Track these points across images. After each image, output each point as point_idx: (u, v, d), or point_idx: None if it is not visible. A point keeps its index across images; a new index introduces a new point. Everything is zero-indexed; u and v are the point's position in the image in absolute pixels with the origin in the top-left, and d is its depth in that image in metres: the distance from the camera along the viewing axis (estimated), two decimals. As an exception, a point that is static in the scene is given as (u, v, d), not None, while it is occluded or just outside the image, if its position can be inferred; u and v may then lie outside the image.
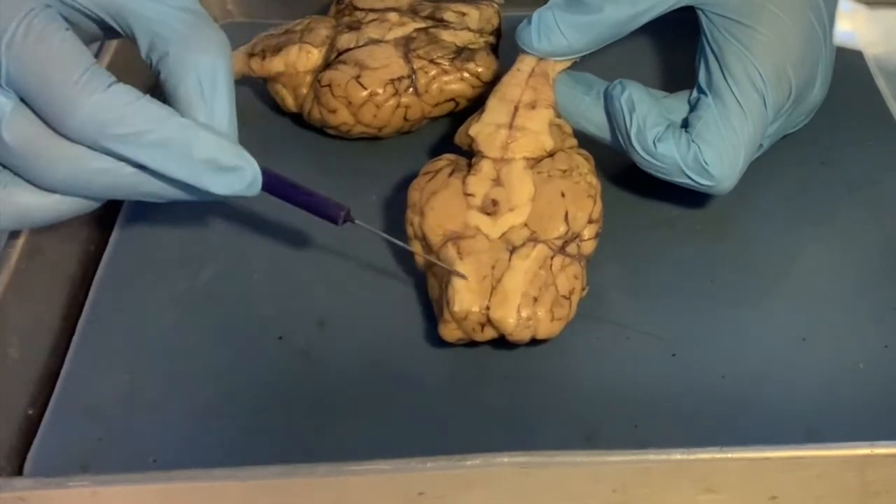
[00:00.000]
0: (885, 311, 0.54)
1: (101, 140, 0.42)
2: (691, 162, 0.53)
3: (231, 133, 0.44)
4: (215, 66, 0.44)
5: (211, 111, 0.44)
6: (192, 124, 0.43)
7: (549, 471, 0.45)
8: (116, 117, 0.42)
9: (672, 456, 0.45)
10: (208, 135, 0.43)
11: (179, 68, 0.44)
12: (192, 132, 0.42)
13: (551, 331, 0.50)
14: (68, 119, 0.42)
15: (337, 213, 0.47)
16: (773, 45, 0.54)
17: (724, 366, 0.51)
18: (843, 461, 0.45)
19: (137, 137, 0.42)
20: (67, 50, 0.42)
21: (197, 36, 0.44)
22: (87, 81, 0.41)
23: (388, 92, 0.61)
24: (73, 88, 0.41)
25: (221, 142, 0.43)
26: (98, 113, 0.42)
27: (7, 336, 0.52)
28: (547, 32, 0.55)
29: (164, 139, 0.42)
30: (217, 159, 0.43)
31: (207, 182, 0.43)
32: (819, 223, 0.59)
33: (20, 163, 0.43)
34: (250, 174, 0.44)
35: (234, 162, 0.43)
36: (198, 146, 0.42)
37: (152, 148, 0.42)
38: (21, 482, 0.46)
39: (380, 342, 0.53)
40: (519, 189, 0.52)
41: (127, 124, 0.42)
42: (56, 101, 0.42)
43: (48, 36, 0.42)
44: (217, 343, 0.53)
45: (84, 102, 0.41)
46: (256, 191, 0.44)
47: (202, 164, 0.43)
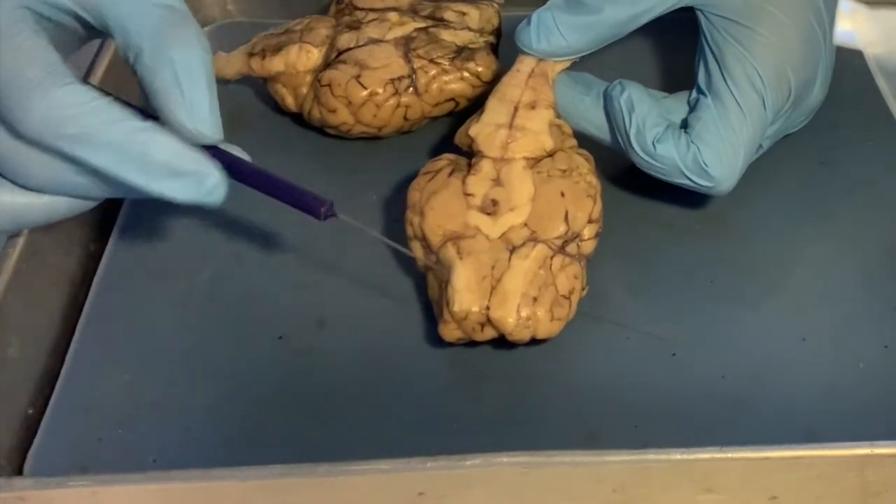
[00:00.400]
0: (885, 311, 0.54)
1: (54, 140, 0.40)
2: (690, 163, 0.53)
3: (212, 127, 0.42)
4: (191, 58, 0.42)
5: (190, 105, 0.42)
6: (151, 127, 0.41)
7: (549, 471, 0.45)
8: (69, 116, 0.40)
9: (672, 456, 0.45)
10: (166, 139, 0.41)
11: (155, 63, 0.42)
12: (149, 135, 0.41)
13: (551, 331, 0.50)
14: (23, 119, 0.40)
15: (318, 207, 0.45)
16: (773, 47, 0.54)
17: (724, 366, 0.51)
18: (843, 461, 0.45)
19: (90, 139, 0.40)
20: (27, 49, 0.41)
21: (172, 31, 0.42)
22: (43, 79, 0.40)
23: (388, 92, 0.61)
24: (26, 86, 0.40)
25: (181, 147, 0.41)
26: (51, 111, 0.40)
27: (7, 336, 0.52)
28: (546, 33, 0.55)
29: (118, 141, 0.40)
30: (174, 164, 0.41)
31: (160, 187, 0.41)
32: (819, 223, 0.59)
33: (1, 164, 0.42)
34: (211, 182, 0.41)
35: (193, 167, 0.41)
36: (154, 150, 0.41)
37: (105, 150, 0.40)
38: (21, 482, 0.46)
39: (380, 342, 0.53)
40: (519, 189, 0.52)
41: (79, 124, 0.40)
42: (11, 100, 0.40)
43: (7, 36, 0.41)
44: (217, 343, 0.53)
45: (37, 100, 0.40)
46: (218, 200, 0.42)
47: (157, 168, 0.41)
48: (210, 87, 0.43)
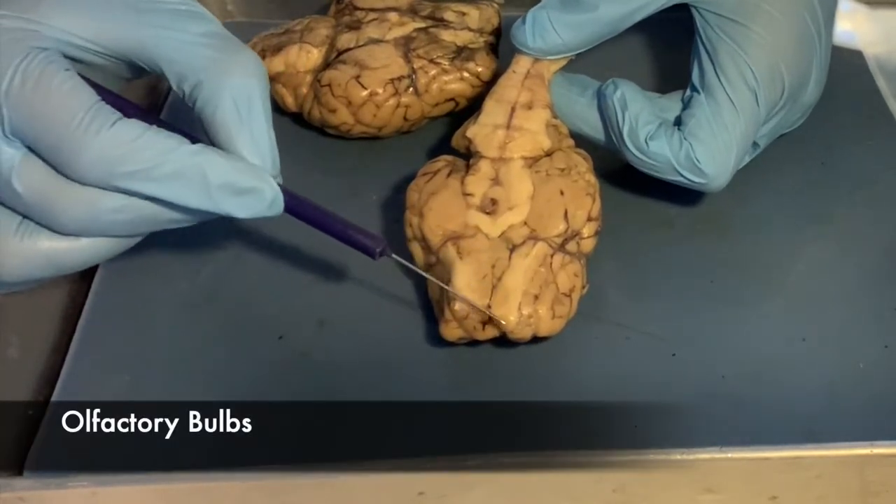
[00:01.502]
0: (885, 311, 0.54)
1: (111, 180, 0.41)
2: (683, 160, 0.53)
3: (272, 154, 0.43)
4: (249, 87, 0.42)
5: (250, 134, 0.42)
6: (203, 150, 0.41)
7: (549, 471, 0.45)
8: (124, 154, 0.40)
9: (672, 456, 0.45)
10: (221, 159, 0.41)
11: (213, 95, 0.42)
12: (204, 158, 0.41)
13: (552, 328, 0.50)
14: (75, 163, 0.40)
15: (373, 248, 0.46)
16: (767, 44, 0.54)
17: (724, 366, 0.51)
18: (843, 461, 0.45)
19: (148, 172, 0.40)
20: (67, 92, 0.40)
21: (227, 60, 0.42)
22: (90, 122, 0.40)
23: (388, 92, 0.61)
24: (76, 131, 0.40)
25: (236, 164, 0.42)
26: (104, 153, 0.40)
27: (7, 336, 0.52)
28: (541, 31, 0.55)
29: (176, 170, 0.41)
30: (233, 183, 0.41)
31: (226, 207, 0.41)
32: (819, 223, 0.59)
33: (37, 212, 0.42)
34: (269, 194, 0.42)
35: (251, 184, 0.42)
36: (211, 172, 0.41)
37: (164, 180, 0.41)
38: (21, 482, 0.46)
39: (380, 342, 0.53)
40: (518, 188, 0.52)
41: (135, 161, 0.40)
42: (61, 146, 0.40)
43: (46, 80, 0.40)
44: (217, 343, 0.53)
45: (89, 144, 0.40)
46: (279, 211, 0.43)
47: (218, 190, 0.41)
48: (267, 114, 0.43)
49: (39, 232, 0.42)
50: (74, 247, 0.43)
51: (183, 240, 0.59)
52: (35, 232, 0.42)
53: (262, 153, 0.42)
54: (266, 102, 0.43)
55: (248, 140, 0.42)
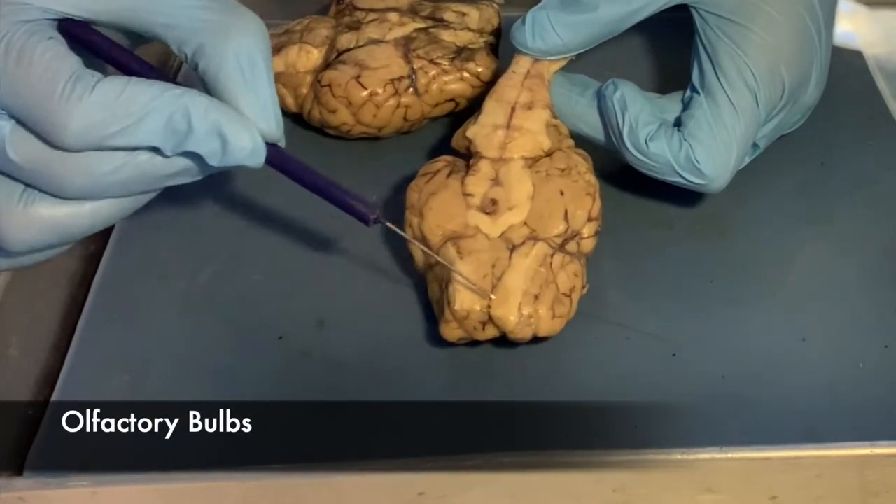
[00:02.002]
0: (885, 311, 0.54)
1: (101, 142, 0.41)
2: (683, 160, 0.53)
3: (276, 115, 0.43)
4: (251, 48, 0.42)
5: (255, 95, 0.42)
6: (186, 92, 0.41)
7: (549, 471, 0.45)
8: (109, 115, 0.40)
9: (672, 456, 0.45)
10: (205, 100, 0.41)
11: (215, 58, 0.42)
12: (189, 100, 0.41)
13: (552, 328, 0.50)
14: (62, 134, 0.40)
15: (367, 214, 0.45)
16: (767, 45, 0.54)
17: (724, 366, 0.51)
18: (843, 461, 0.45)
19: (138, 125, 0.41)
20: (48, 62, 0.40)
21: (226, 22, 0.42)
22: (72, 90, 0.40)
23: (388, 92, 0.61)
24: (58, 102, 0.40)
25: (219, 105, 0.41)
26: (89, 119, 0.40)
27: (7, 336, 0.52)
28: (541, 32, 0.55)
29: (163, 117, 0.41)
30: (216, 124, 0.41)
31: (208, 148, 0.41)
32: (819, 223, 0.59)
33: (36, 180, 0.42)
34: (249, 141, 0.42)
35: (234, 127, 0.41)
36: (195, 113, 0.41)
37: (152, 131, 0.41)
38: (21, 482, 0.46)
39: (380, 342, 0.53)
40: (518, 188, 0.52)
41: (121, 118, 0.40)
42: (46, 118, 0.40)
43: (27, 52, 0.40)
44: (217, 343, 0.53)
45: (73, 113, 0.40)
46: (259, 160, 0.42)
47: (203, 132, 0.41)
48: (269, 75, 0.43)
49: (42, 199, 0.42)
50: (79, 212, 0.43)
51: (183, 240, 0.59)
52: (38, 199, 0.42)
53: (266, 114, 0.42)
54: (268, 63, 0.43)
55: (253, 101, 0.42)
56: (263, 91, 0.42)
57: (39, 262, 0.46)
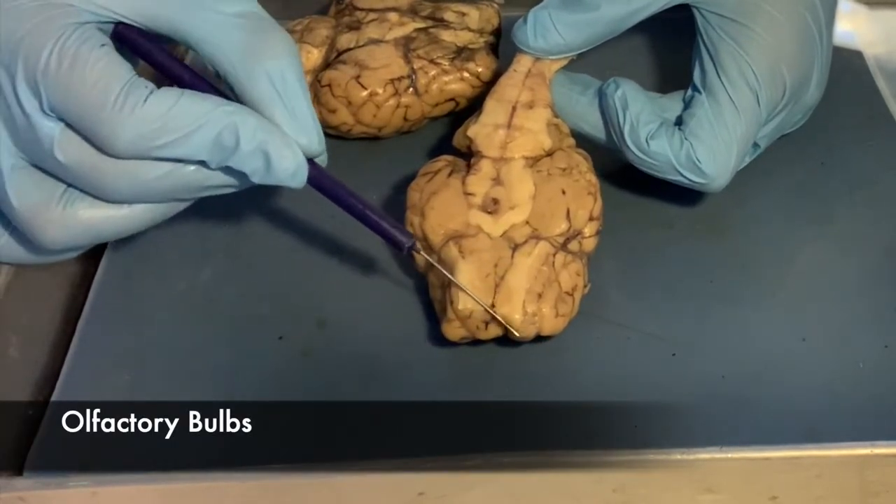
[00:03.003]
0: (885, 311, 0.54)
1: (151, 153, 0.41)
2: (684, 159, 0.53)
3: (316, 129, 0.43)
4: (282, 67, 0.43)
5: (292, 114, 0.43)
6: (239, 110, 0.42)
7: (549, 471, 0.45)
8: (160, 127, 0.41)
9: (672, 456, 0.45)
10: (254, 120, 0.42)
11: (247, 77, 0.42)
12: (239, 118, 0.42)
13: (555, 327, 0.50)
14: (113, 143, 0.41)
15: (404, 242, 0.47)
16: (768, 44, 0.54)
17: (724, 366, 0.51)
18: (843, 461, 0.45)
19: (187, 139, 0.41)
20: (101, 71, 0.41)
21: (257, 43, 0.43)
22: (125, 101, 0.41)
23: (388, 92, 0.61)
24: (111, 112, 0.41)
25: (267, 126, 0.42)
26: (140, 130, 0.41)
27: (7, 336, 0.52)
28: (543, 31, 0.55)
29: (212, 133, 0.41)
30: (263, 144, 0.42)
31: (252, 167, 0.42)
32: (819, 223, 0.59)
33: (80, 181, 0.42)
34: (293, 163, 0.42)
35: (279, 148, 0.42)
36: (244, 132, 0.41)
37: (203, 144, 0.41)
38: (21, 482, 0.46)
39: (380, 342, 0.53)
40: (519, 187, 0.52)
41: (172, 130, 0.41)
42: (97, 128, 0.41)
43: (81, 59, 0.41)
44: (217, 343, 0.53)
45: (125, 123, 0.41)
46: (301, 181, 0.43)
47: (249, 151, 0.42)
48: (305, 92, 0.43)
49: (82, 200, 0.43)
50: (115, 215, 0.43)
51: (183, 240, 0.59)
52: (78, 200, 0.43)
53: (306, 129, 0.43)
54: (301, 81, 0.43)
55: (290, 118, 0.43)
56: (301, 107, 0.43)
57: (59, 261, 0.46)
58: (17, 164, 0.43)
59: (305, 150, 0.43)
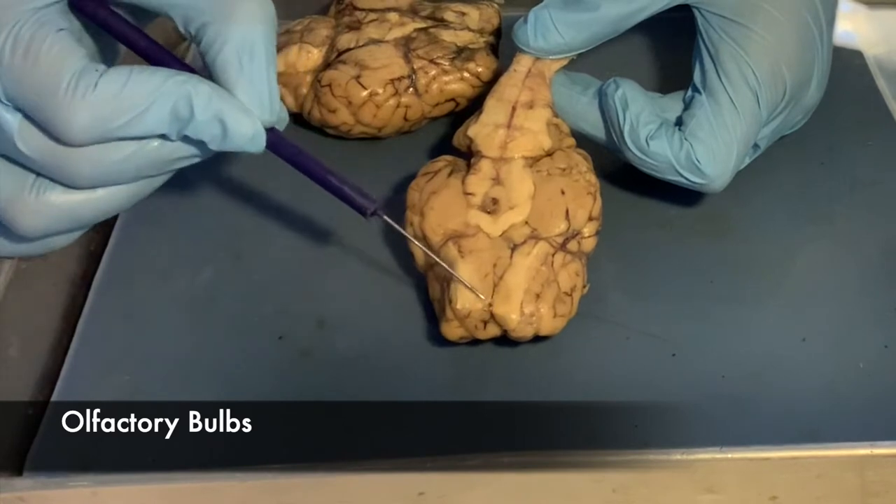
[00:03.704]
0: (885, 311, 0.54)
1: (110, 135, 0.41)
2: (684, 160, 0.53)
3: (271, 100, 0.43)
4: (252, 33, 0.42)
5: (249, 81, 0.42)
6: (190, 79, 0.41)
7: (549, 471, 0.45)
8: (114, 108, 0.40)
9: (672, 456, 0.45)
10: (207, 87, 0.41)
11: (216, 40, 0.42)
12: (192, 87, 0.41)
13: (554, 327, 0.50)
14: (69, 130, 0.41)
15: (366, 206, 0.46)
16: (769, 45, 0.54)
17: (724, 366, 0.51)
18: (843, 461, 0.45)
19: (142, 116, 0.41)
20: (54, 58, 0.40)
21: (233, 4, 0.42)
22: (76, 86, 0.40)
23: (388, 92, 0.61)
24: (63, 98, 0.40)
25: (221, 93, 0.42)
26: (93, 114, 0.40)
27: (7, 336, 0.52)
28: (543, 31, 0.55)
29: (169, 107, 0.41)
30: (218, 111, 0.41)
31: (209, 133, 0.42)
32: (819, 223, 0.59)
33: (46, 170, 0.42)
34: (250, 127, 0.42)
35: (234, 114, 0.42)
36: (198, 100, 0.41)
37: (160, 118, 0.41)
38: (21, 482, 0.46)
39: (380, 342, 0.53)
40: (519, 187, 0.52)
41: (126, 110, 0.41)
42: (51, 115, 0.40)
43: (34, 47, 0.40)
44: (217, 343, 0.53)
45: (77, 109, 0.40)
46: (260, 146, 0.43)
47: (204, 118, 0.41)
48: (269, 63, 0.43)
49: (54, 187, 0.43)
50: (90, 198, 0.43)
51: (183, 240, 0.59)
52: (50, 187, 0.43)
53: (260, 100, 0.42)
54: (269, 48, 0.43)
55: (247, 86, 0.42)
56: (259, 78, 0.42)
57: (52, 249, 0.46)
58: None
59: (261, 118, 0.42)
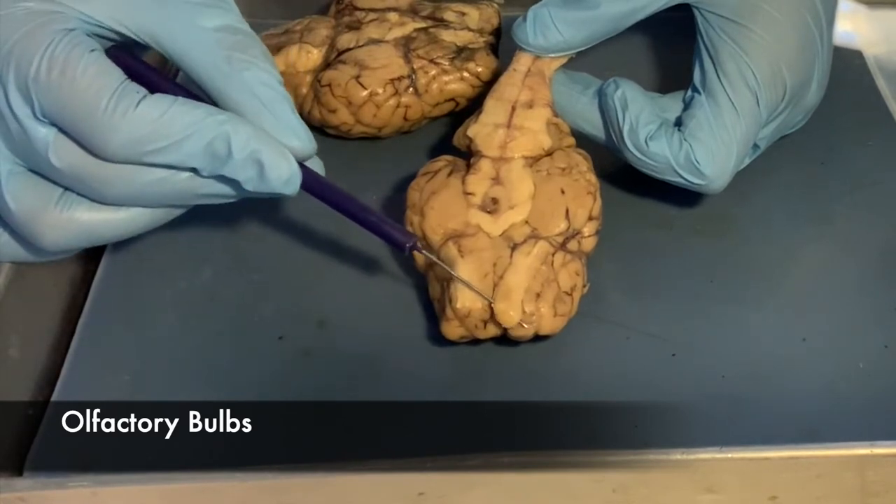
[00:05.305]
0: (885, 311, 0.54)
1: (143, 158, 0.42)
2: (683, 160, 0.53)
3: (305, 131, 0.44)
4: (263, 77, 0.43)
5: (278, 116, 0.43)
6: (230, 119, 0.42)
7: (549, 471, 0.45)
8: (152, 133, 0.41)
9: (672, 456, 0.45)
10: (247, 128, 0.42)
11: (228, 88, 0.43)
12: (231, 127, 0.42)
13: (554, 326, 0.50)
14: (105, 147, 0.41)
15: (404, 241, 0.47)
16: (768, 45, 0.54)
17: (724, 366, 0.51)
18: (843, 461, 0.45)
19: (178, 145, 0.42)
20: (92, 76, 0.41)
21: (237, 53, 0.43)
22: (116, 106, 0.41)
23: (388, 92, 0.61)
24: (102, 116, 0.41)
25: (260, 134, 0.42)
26: (132, 134, 0.41)
27: (7, 336, 0.52)
28: (542, 29, 0.55)
29: (204, 141, 0.42)
30: (255, 153, 0.42)
31: (245, 175, 0.42)
32: (819, 223, 0.59)
33: (76, 184, 0.43)
34: (286, 171, 0.43)
35: (272, 156, 0.42)
36: (236, 141, 0.42)
37: (194, 152, 0.42)
38: (21, 482, 0.46)
39: (380, 342, 0.53)
40: (519, 187, 0.52)
41: (164, 136, 0.41)
42: (90, 132, 0.41)
43: (72, 65, 0.41)
44: (217, 343, 0.53)
45: (116, 128, 0.41)
46: (294, 189, 0.43)
47: (241, 159, 0.42)
48: (291, 102, 0.44)
49: (80, 203, 0.44)
50: (113, 218, 0.44)
51: (183, 240, 0.59)
52: (75, 203, 0.44)
53: (294, 131, 0.43)
54: (282, 87, 0.44)
55: (275, 123, 0.43)
56: (285, 111, 0.43)
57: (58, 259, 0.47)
58: (14, 169, 0.43)
59: (298, 152, 0.44)
